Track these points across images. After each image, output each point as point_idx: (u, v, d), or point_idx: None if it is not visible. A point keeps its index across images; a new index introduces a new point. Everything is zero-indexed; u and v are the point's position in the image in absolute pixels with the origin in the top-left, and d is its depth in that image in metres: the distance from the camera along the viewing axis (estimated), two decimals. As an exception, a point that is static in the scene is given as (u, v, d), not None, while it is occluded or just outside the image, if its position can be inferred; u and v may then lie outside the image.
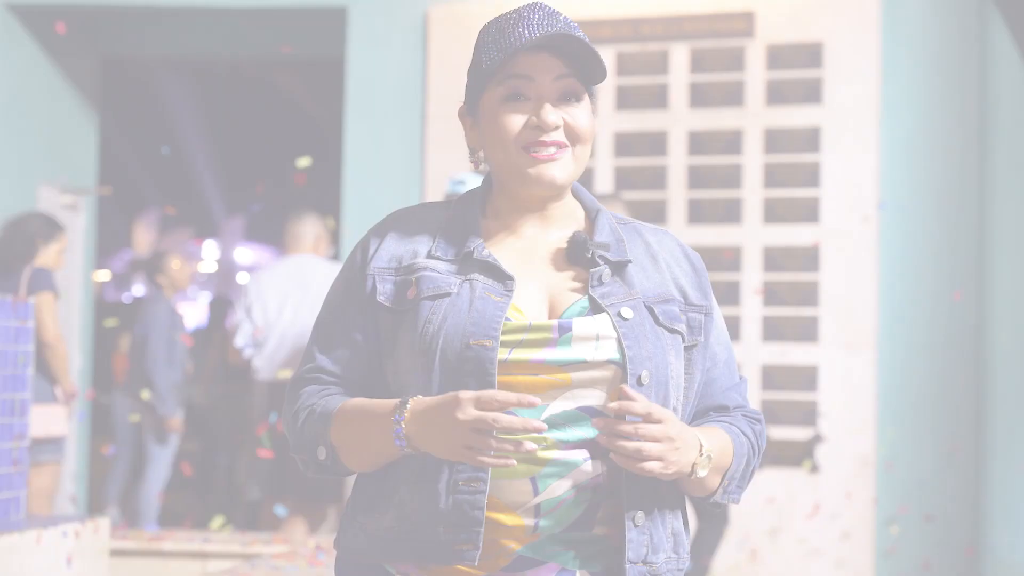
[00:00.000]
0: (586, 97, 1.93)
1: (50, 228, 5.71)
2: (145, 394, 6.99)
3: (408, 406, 1.81)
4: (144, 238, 16.73)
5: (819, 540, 5.93)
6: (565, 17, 1.92)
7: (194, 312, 14.10)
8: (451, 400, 1.76)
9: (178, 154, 15.25)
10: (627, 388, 1.79)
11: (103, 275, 15.87)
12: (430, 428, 1.78)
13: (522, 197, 1.96)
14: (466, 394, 1.74)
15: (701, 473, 1.85)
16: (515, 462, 1.76)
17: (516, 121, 1.90)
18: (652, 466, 1.78)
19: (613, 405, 1.79)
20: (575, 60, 1.91)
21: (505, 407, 1.73)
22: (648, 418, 1.77)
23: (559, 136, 1.90)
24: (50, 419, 5.56)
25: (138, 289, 15.51)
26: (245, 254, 19.07)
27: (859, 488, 5.91)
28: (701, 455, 1.84)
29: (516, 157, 1.91)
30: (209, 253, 18.91)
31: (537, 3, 1.92)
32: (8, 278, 5.58)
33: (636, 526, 1.84)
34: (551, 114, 1.89)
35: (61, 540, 4.05)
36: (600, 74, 1.92)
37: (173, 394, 7.04)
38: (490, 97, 1.92)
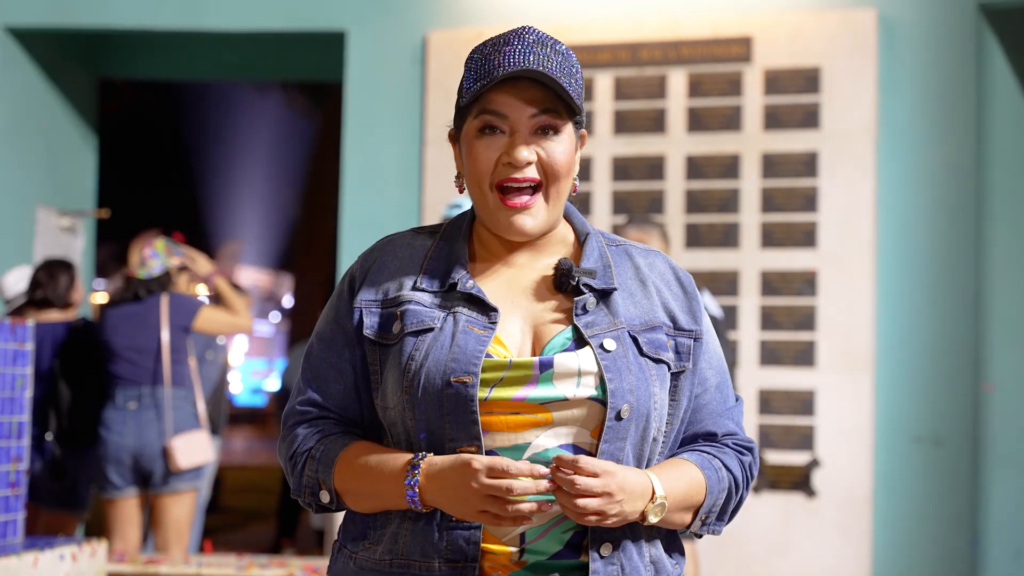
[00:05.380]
0: (566, 128, 1.90)
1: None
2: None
3: (420, 469, 1.80)
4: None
5: (816, 565, 5.92)
6: (554, 43, 1.88)
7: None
8: (463, 468, 1.75)
9: (176, 176, 15.28)
10: (562, 456, 1.76)
11: (101, 297, 15.87)
12: (444, 492, 1.77)
13: None
14: (478, 463, 1.74)
15: (652, 519, 1.83)
16: (534, 520, 1.76)
17: (489, 156, 1.87)
18: (591, 519, 1.76)
19: (551, 465, 1.77)
20: (553, 91, 1.87)
21: (517, 477, 1.73)
22: (580, 472, 1.74)
23: (532, 173, 1.87)
24: (195, 447, 5.57)
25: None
26: (245, 276, 19.08)
27: (856, 513, 5.90)
28: (653, 502, 1.82)
29: (490, 197, 1.89)
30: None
31: (524, 28, 1.88)
32: (144, 305, 5.73)
33: (602, 556, 1.83)
34: (523, 151, 1.86)
35: (58, 563, 4.04)
36: (574, 108, 1.88)
37: None
38: (469, 127, 1.90)
